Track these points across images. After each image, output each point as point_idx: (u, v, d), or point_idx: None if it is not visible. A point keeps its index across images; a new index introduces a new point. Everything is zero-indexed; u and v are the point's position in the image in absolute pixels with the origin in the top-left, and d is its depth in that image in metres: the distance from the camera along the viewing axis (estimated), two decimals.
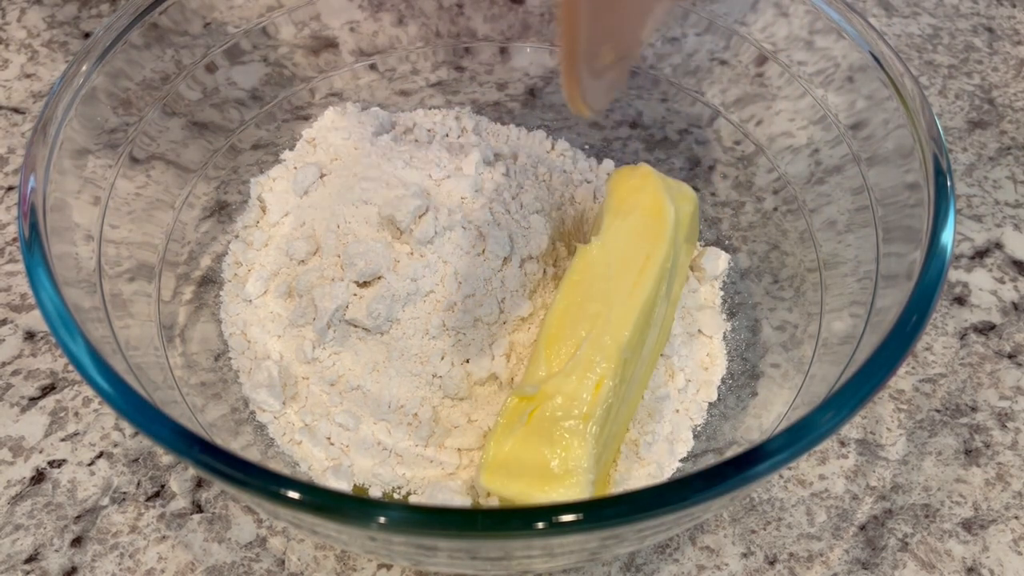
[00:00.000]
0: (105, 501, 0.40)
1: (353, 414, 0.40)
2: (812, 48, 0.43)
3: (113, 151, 0.40)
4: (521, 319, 0.42)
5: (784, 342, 0.42)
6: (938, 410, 0.43)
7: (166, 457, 0.41)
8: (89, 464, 0.41)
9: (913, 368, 0.44)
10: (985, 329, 0.46)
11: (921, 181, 0.35)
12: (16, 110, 0.54)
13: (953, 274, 0.48)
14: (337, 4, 0.49)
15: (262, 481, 0.27)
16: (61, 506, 0.39)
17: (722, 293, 0.45)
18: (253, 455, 0.39)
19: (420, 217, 0.42)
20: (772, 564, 0.38)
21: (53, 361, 0.44)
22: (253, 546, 0.39)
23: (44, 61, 0.57)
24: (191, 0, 0.43)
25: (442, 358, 0.40)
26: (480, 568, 0.34)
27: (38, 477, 0.40)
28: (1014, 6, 0.62)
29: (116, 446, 0.41)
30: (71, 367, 0.43)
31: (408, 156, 0.46)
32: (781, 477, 0.41)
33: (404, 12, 0.50)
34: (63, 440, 0.41)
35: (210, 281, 0.44)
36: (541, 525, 0.26)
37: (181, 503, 0.40)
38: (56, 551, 0.38)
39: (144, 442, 0.41)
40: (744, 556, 0.39)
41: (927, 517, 0.40)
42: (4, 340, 0.45)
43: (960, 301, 0.47)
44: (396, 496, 0.39)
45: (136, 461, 0.41)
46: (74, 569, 0.38)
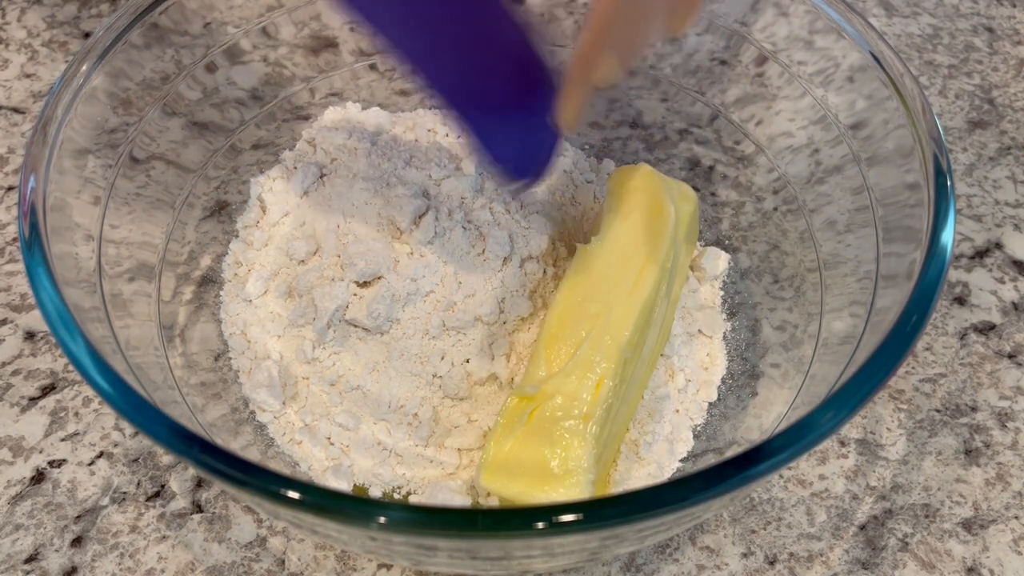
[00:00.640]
0: (105, 501, 0.40)
1: (353, 414, 0.40)
2: (812, 48, 0.43)
3: (113, 151, 0.40)
4: (521, 319, 0.42)
5: (784, 342, 0.42)
6: (938, 410, 0.43)
7: (166, 457, 0.41)
8: (89, 464, 0.41)
9: (913, 368, 0.44)
10: (985, 329, 0.46)
11: (921, 181, 0.35)
12: (16, 110, 0.54)
13: (953, 274, 0.48)
14: None
15: (262, 481, 0.27)
16: (61, 506, 0.39)
17: (722, 293, 0.45)
18: (253, 455, 0.39)
19: (420, 217, 0.42)
20: (772, 564, 0.38)
21: (53, 361, 0.44)
22: (253, 546, 0.39)
23: (44, 61, 0.57)
24: (191, 0, 0.43)
25: (442, 358, 0.40)
26: (480, 568, 0.34)
27: (38, 477, 0.40)
28: (1014, 6, 0.62)
29: (116, 446, 0.41)
30: (71, 367, 0.43)
31: (408, 156, 0.46)
32: (781, 477, 0.41)
33: None
34: (63, 440, 0.41)
35: (210, 281, 0.44)
36: (541, 525, 0.26)
37: (181, 503, 0.40)
38: (56, 551, 0.38)
39: (144, 442, 0.41)
40: (744, 556, 0.39)
41: (927, 517, 0.40)
42: (4, 340, 0.45)
43: (960, 301, 0.47)
44: (396, 496, 0.39)
45: (136, 461, 0.41)
46: (74, 569, 0.38)
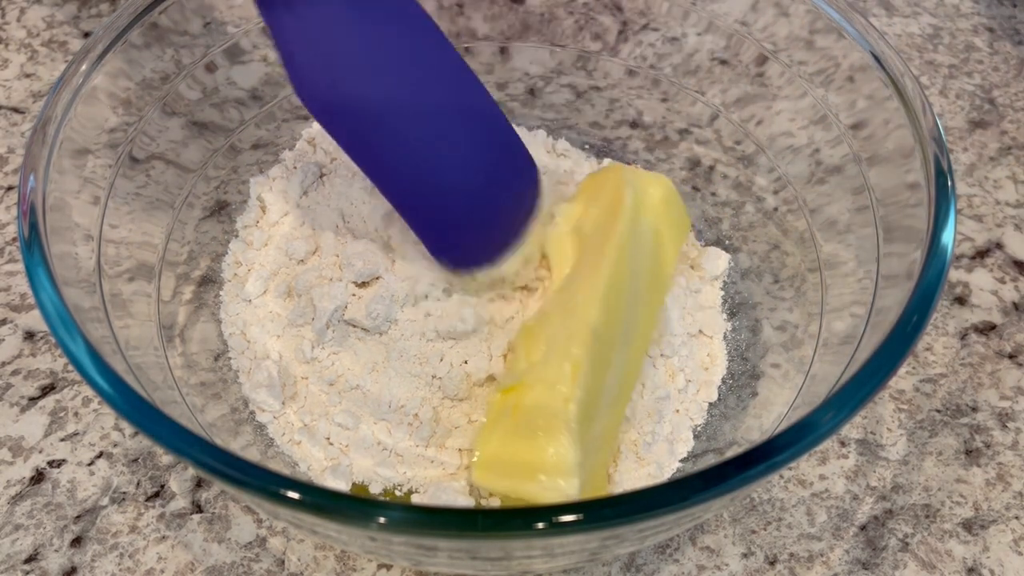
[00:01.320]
0: (105, 501, 0.40)
1: (353, 414, 0.40)
2: (813, 48, 0.43)
3: (113, 151, 0.40)
4: (520, 320, 0.42)
5: (785, 342, 0.42)
6: (938, 410, 0.43)
7: (166, 457, 0.41)
8: (89, 464, 0.41)
9: (914, 368, 0.44)
10: (986, 329, 0.46)
11: (922, 181, 0.35)
12: (16, 110, 0.54)
13: (954, 274, 0.48)
14: None
15: (262, 481, 0.27)
16: (61, 506, 0.39)
17: (722, 293, 0.45)
18: (253, 455, 0.39)
19: None
20: (772, 564, 0.38)
21: (53, 361, 0.44)
22: (253, 546, 0.38)
23: (44, 61, 0.57)
24: (191, 0, 0.43)
25: (441, 359, 0.40)
26: (480, 568, 0.34)
27: (38, 477, 0.40)
28: (1014, 6, 0.62)
29: (116, 446, 0.41)
30: (71, 367, 0.43)
31: None
32: (781, 477, 0.41)
33: None
34: (63, 440, 0.41)
35: (210, 281, 0.44)
36: (541, 525, 0.26)
37: (181, 503, 0.40)
38: (56, 551, 0.38)
39: (144, 442, 0.41)
40: (744, 556, 0.39)
41: (927, 517, 0.40)
42: (4, 340, 0.45)
43: (961, 301, 0.47)
44: (397, 495, 0.39)
45: (136, 461, 0.41)
46: (74, 569, 0.38)
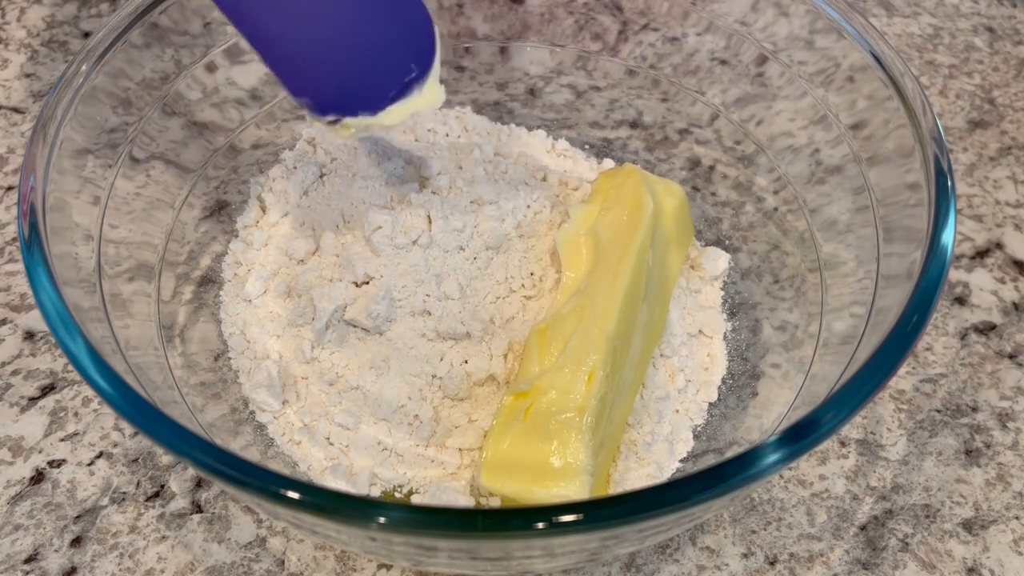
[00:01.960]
0: (105, 501, 0.40)
1: (353, 414, 0.40)
2: (813, 48, 0.43)
3: (113, 151, 0.40)
4: (520, 320, 0.42)
5: (785, 342, 0.42)
6: (939, 410, 0.43)
7: (166, 457, 0.41)
8: (89, 464, 0.41)
9: (914, 368, 0.44)
10: (986, 329, 0.46)
11: (922, 181, 0.35)
12: (16, 110, 0.54)
13: (954, 274, 0.48)
14: None
15: (262, 481, 0.27)
16: (61, 506, 0.39)
17: (722, 293, 0.45)
18: (253, 455, 0.39)
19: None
20: (772, 564, 0.38)
21: (53, 361, 0.44)
22: (253, 546, 0.38)
23: (44, 61, 0.57)
24: (191, 0, 0.43)
25: (441, 359, 0.40)
26: (480, 568, 0.34)
27: (38, 477, 0.40)
28: (1014, 6, 0.62)
29: (116, 446, 0.41)
30: (71, 367, 0.43)
31: (408, 155, 0.46)
32: (781, 477, 0.41)
33: None
34: (63, 440, 0.41)
35: (210, 281, 0.44)
36: (541, 525, 0.26)
37: (181, 503, 0.40)
38: (56, 551, 0.38)
39: (144, 442, 0.41)
40: (744, 556, 0.39)
41: (927, 517, 0.40)
42: (4, 340, 0.45)
43: (960, 301, 0.47)
44: (398, 495, 0.39)
45: (136, 461, 0.41)
46: (74, 569, 0.38)
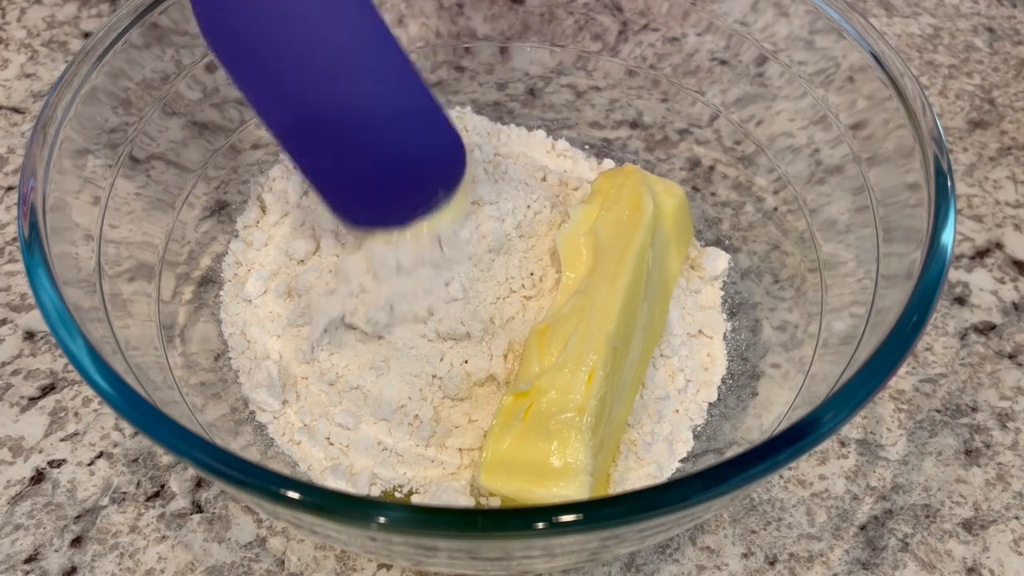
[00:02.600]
0: (105, 501, 0.40)
1: (353, 414, 0.40)
2: (812, 48, 0.43)
3: (113, 151, 0.40)
4: (520, 320, 0.42)
5: (784, 342, 0.42)
6: (938, 410, 0.43)
7: (166, 457, 0.41)
8: (89, 464, 0.41)
9: (913, 368, 0.44)
10: (985, 329, 0.46)
11: (921, 181, 0.35)
12: (16, 110, 0.54)
13: (953, 274, 0.48)
14: None
15: (262, 481, 0.27)
16: (61, 506, 0.39)
17: (722, 293, 0.45)
18: (253, 455, 0.39)
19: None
20: (772, 564, 0.38)
21: (53, 361, 0.44)
22: (253, 546, 0.39)
23: (44, 61, 0.57)
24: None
25: (441, 359, 0.40)
26: (480, 568, 0.34)
27: (38, 477, 0.40)
28: (1014, 6, 0.62)
29: (116, 446, 0.41)
30: (71, 367, 0.43)
31: None
32: (781, 477, 0.41)
33: (404, 12, 0.50)
34: (63, 440, 0.41)
35: (210, 281, 0.44)
36: (541, 525, 0.26)
37: (181, 503, 0.40)
38: (56, 551, 0.38)
39: (144, 442, 0.41)
40: (744, 556, 0.39)
41: (927, 517, 0.40)
42: (4, 340, 0.45)
43: (960, 301, 0.47)
44: (398, 495, 0.39)
45: (136, 461, 0.41)
46: (74, 569, 0.38)
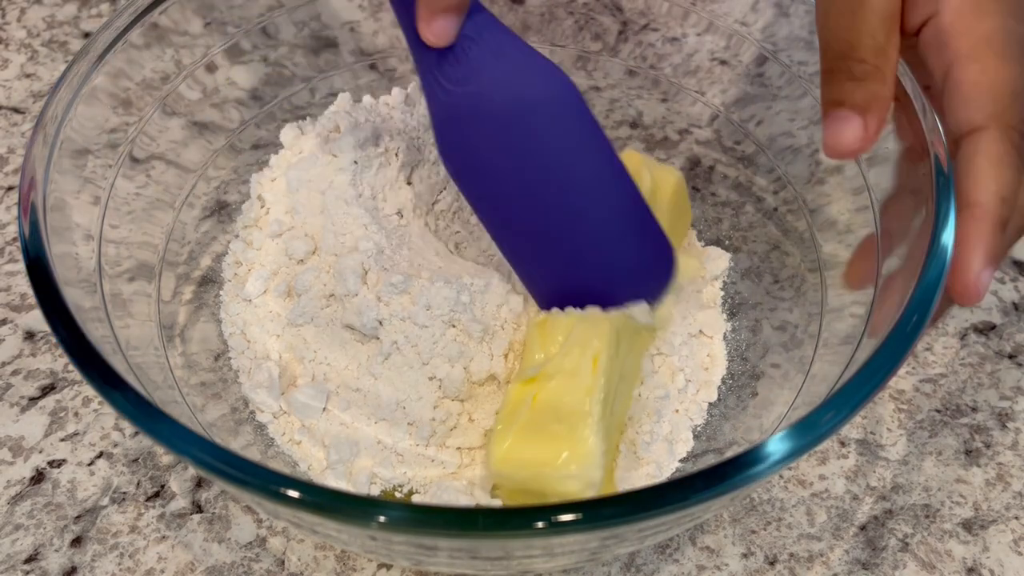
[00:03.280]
0: (105, 501, 0.40)
1: (352, 414, 0.40)
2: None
3: (113, 151, 0.40)
4: (522, 318, 0.42)
5: (784, 342, 0.42)
6: (938, 410, 0.43)
7: (166, 457, 0.41)
8: (89, 464, 0.41)
9: (913, 368, 0.44)
10: (985, 329, 0.46)
11: (922, 181, 0.35)
12: (16, 110, 0.54)
13: None
14: (337, 4, 0.49)
15: (262, 481, 0.27)
16: (61, 506, 0.39)
17: (722, 293, 0.45)
18: (253, 455, 0.39)
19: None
20: (772, 564, 0.38)
21: (53, 361, 0.44)
22: (253, 546, 0.39)
23: (44, 61, 0.57)
24: (191, 0, 0.43)
25: (442, 359, 0.40)
26: (480, 568, 0.34)
27: (38, 477, 0.40)
28: None
29: (116, 446, 0.41)
30: (71, 367, 0.43)
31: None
32: (781, 477, 0.41)
33: None
34: (63, 440, 0.41)
35: (210, 281, 0.44)
36: (541, 525, 0.26)
37: (181, 503, 0.40)
38: (56, 551, 0.38)
39: (144, 442, 0.41)
40: (744, 556, 0.39)
41: (927, 517, 0.40)
42: (4, 340, 0.45)
43: None
44: (398, 495, 0.39)
45: (136, 461, 0.41)
46: (74, 569, 0.38)
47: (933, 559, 0.39)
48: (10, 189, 0.51)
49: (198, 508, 0.39)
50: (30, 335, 0.45)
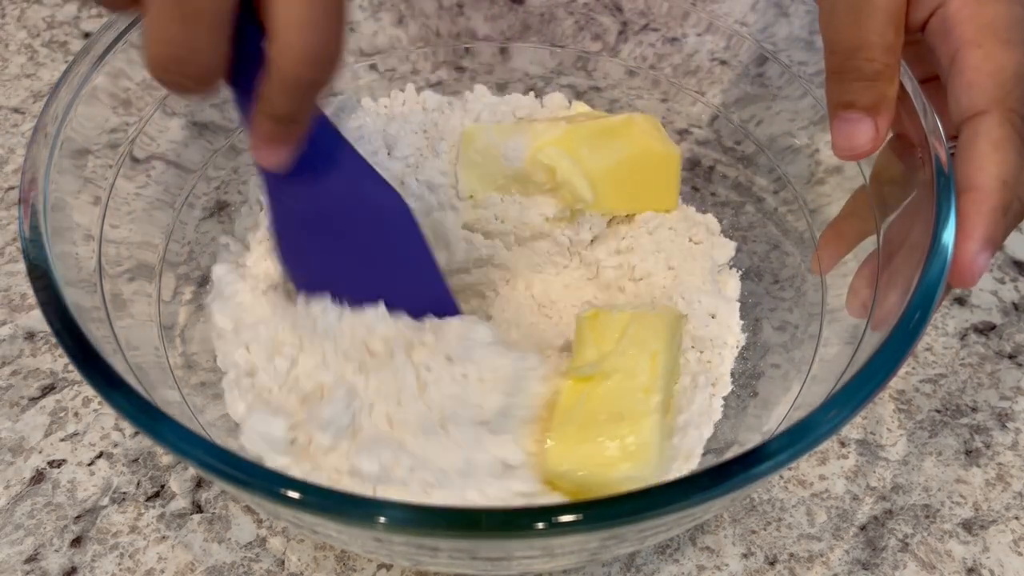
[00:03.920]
0: (105, 501, 0.40)
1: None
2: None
3: (113, 151, 0.40)
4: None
5: (785, 342, 0.42)
6: (938, 410, 0.43)
7: (166, 457, 0.41)
8: (89, 464, 0.41)
9: (913, 368, 0.44)
10: (985, 329, 0.46)
11: (922, 181, 0.35)
12: (16, 110, 0.54)
13: None
14: None
15: (263, 481, 0.27)
16: (61, 506, 0.39)
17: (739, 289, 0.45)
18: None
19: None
20: (772, 564, 0.38)
21: (53, 361, 0.44)
22: (253, 546, 0.39)
23: (44, 61, 0.57)
24: None
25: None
26: (480, 568, 0.34)
27: (38, 477, 0.40)
28: None
29: (116, 446, 0.41)
30: (71, 367, 0.43)
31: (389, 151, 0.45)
32: (781, 477, 0.41)
33: (404, 12, 0.50)
34: (63, 440, 0.41)
35: (210, 281, 0.44)
36: (541, 525, 0.26)
37: (181, 503, 0.40)
38: (56, 551, 0.38)
39: (144, 442, 0.41)
40: (744, 556, 0.39)
41: (927, 517, 0.40)
42: (4, 340, 0.45)
43: (960, 301, 0.47)
44: None
45: (136, 461, 0.41)
46: (74, 569, 0.38)
47: (933, 559, 0.39)
48: (10, 189, 0.51)
49: (198, 508, 0.39)
50: (30, 335, 0.45)
